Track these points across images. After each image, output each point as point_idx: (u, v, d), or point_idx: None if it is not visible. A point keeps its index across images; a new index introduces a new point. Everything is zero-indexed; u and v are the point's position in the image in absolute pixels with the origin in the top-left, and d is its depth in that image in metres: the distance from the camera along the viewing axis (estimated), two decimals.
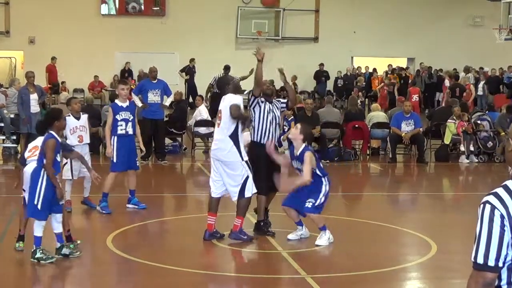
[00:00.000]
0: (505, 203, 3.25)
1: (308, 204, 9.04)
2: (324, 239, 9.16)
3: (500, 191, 3.30)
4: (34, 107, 16.49)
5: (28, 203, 8.17)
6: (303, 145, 9.06)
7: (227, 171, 9.11)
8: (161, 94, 16.44)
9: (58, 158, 8.28)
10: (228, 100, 9.16)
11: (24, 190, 8.55)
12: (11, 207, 11.87)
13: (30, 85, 16.69)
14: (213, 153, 9.24)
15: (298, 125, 9.38)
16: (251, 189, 9.12)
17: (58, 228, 8.25)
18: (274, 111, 9.56)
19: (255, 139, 9.46)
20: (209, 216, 9.28)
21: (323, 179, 9.17)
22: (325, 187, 9.14)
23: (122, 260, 8.48)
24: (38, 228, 8.12)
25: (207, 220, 9.29)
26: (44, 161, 8.06)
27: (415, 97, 25.59)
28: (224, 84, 9.76)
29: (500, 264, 3.26)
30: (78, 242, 8.61)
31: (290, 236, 9.35)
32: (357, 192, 14.83)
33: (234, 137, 9.04)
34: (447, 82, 28.99)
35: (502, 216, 3.24)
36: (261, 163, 9.23)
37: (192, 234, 9.96)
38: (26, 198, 8.46)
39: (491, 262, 3.25)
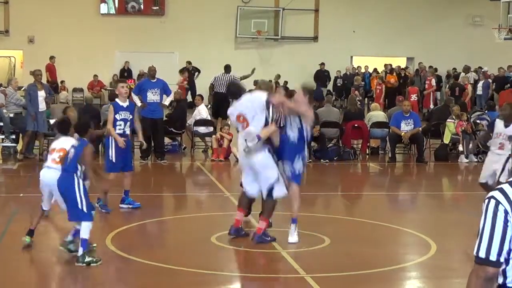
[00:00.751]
0: (510, 199, 3.27)
1: (288, 173, 9.11)
2: (295, 235, 9.12)
3: (506, 187, 3.32)
4: (41, 105, 16.56)
5: (72, 209, 8.12)
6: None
7: (261, 171, 9.04)
8: (160, 93, 16.43)
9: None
10: (252, 100, 9.12)
11: (42, 194, 8.66)
12: (11, 207, 11.86)
13: (38, 83, 16.81)
14: (245, 158, 9.11)
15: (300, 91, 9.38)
16: (278, 191, 9.10)
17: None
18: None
19: None
20: (238, 211, 9.37)
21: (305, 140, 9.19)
22: (303, 153, 9.18)
23: (122, 259, 8.48)
24: (86, 231, 8.04)
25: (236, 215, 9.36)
26: (79, 167, 8.09)
27: (414, 97, 25.60)
28: (235, 92, 9.57)
29: (502, 259, 3.27)
30: (94, 245, 8.62)
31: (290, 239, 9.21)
32: (356, 191, 14.83)
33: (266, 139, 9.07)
34: (433, 82, 28.94)
35: (506, 212, 3.26)
36: None
37: (192, 233, 9.98)
38: (45, 202, 8.60)
39: (493, 257, 3.25)
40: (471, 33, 33.93)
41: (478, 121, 18.56)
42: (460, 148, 17.76)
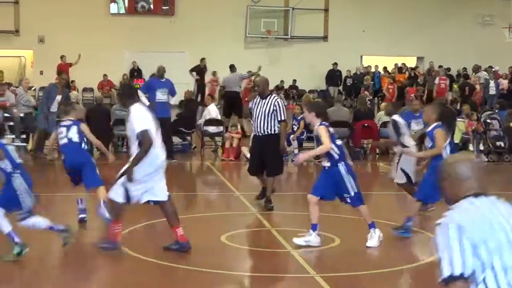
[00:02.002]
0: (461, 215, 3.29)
1: (348, 199, 9.01)
2: (375, 239, 9.06)
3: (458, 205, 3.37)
4: (54, 107, 16.72)
5: None
6: (318, 121, 8.98)
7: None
8: (168, 93, 16.46)
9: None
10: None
11: None
12: None
13: (60, 86, 16.96)
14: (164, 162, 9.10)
15: (304, 107, 9.39)
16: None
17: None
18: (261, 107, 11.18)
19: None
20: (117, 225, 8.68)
21: (339, 164, 8.97)
22: (344, 172, 9.02)
23: (129, 258, 8.48)
24: None
25: (115, 229, 8.62)
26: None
27: (413, 96, 25.55)
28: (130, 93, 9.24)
29: (468, 271, 3.17)
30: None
31: (295, 240, 9.04)
32: (365, 191, 14.65)
33: None
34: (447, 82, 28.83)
35: (458, 227, 3.23)
36: (255, 150, 11.53)
37: (201, 233, 9.96)
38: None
39: (457, 271, 3.18)
40: (481, 32, 33.84)
41: (488, 121, 18.50)
42: (471, 147, 17.69)
